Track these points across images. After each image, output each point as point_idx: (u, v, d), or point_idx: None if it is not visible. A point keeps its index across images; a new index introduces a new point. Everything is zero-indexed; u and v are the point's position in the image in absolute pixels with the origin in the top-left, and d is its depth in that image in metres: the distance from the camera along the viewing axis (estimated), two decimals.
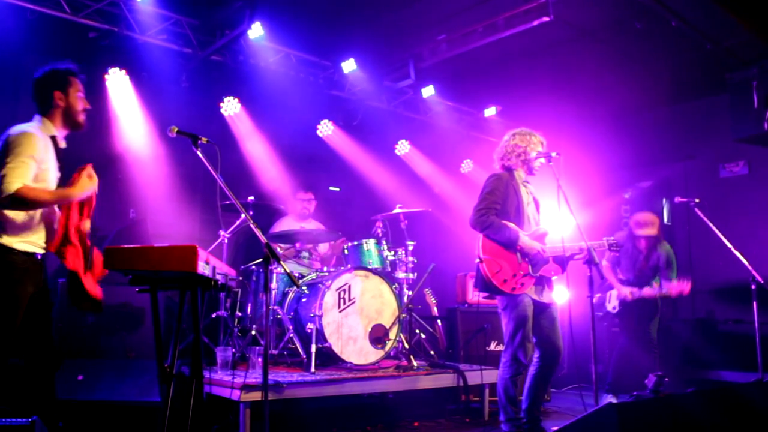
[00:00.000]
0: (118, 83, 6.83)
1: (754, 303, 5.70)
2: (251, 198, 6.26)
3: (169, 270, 3.25)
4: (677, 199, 6.44)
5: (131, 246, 3.32)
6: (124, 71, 6.80)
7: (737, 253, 5.91)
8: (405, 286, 6.27)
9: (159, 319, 3.62)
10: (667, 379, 6.24)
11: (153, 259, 3.24)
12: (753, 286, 5.72)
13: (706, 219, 6.34)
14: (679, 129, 8.63)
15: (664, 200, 7.81)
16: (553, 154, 4.78)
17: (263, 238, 3.63)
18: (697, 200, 6.44)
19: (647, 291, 6.55)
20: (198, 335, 3.74)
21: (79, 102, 3.67)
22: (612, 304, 6.79)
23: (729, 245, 5.95)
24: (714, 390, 3.90)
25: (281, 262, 3.71)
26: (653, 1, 6.04)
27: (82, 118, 3.69)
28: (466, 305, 6.78)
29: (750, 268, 5.80)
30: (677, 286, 6.43)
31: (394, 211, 6.50)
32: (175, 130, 3.79)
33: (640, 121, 9.11)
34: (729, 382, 7.26)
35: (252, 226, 3.78)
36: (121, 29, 6.55)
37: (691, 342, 7.90)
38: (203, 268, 3.35)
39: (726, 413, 3.46)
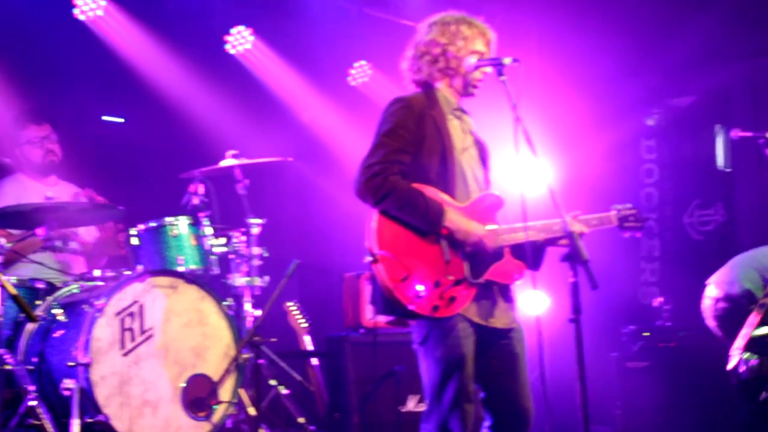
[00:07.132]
0: None
1: None
2: None
3: None
4: (735, 133, 4.28)
5: None
6: None
7: None
8: (248, 302, 4.55)
9: None
10: None
11: None
12: None
13: None
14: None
15: (717, 128, 5.59)
16: (506, 61, 3.25)
17: None
18: None
19: None
20: None
21: None
22: None
23: None
24: None
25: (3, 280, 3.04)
26: None
27: None
28: (362, 331, 5.02)
29: None
30: None
31: (224, 163, 4.65)
32: None
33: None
34: None
35: None
36: None
37: None
38: None
39: None
